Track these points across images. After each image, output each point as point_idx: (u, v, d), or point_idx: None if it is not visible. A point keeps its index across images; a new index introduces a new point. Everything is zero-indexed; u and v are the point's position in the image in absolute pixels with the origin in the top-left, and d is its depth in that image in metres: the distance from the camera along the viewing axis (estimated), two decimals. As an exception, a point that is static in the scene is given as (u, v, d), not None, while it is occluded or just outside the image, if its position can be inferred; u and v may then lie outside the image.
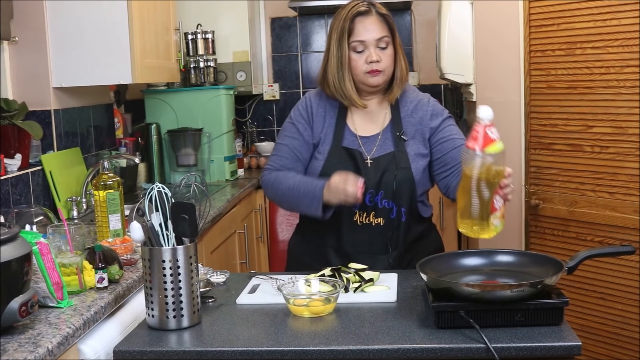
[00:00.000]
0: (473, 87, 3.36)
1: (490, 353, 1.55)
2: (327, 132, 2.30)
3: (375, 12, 2.24)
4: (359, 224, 2.25)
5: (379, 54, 2.22)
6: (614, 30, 2.79)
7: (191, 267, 1.73)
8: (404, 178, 2.23)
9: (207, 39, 4.12)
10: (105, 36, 2.92)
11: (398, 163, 2.24)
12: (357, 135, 2.29)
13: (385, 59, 2.23)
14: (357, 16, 2.23)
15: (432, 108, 2.31)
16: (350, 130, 2.30)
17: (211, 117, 3.92)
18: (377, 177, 2.23)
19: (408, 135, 2.28)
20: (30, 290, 1.62)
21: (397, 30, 2.27)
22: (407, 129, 2.28)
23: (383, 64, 2.22)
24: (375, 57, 2.21)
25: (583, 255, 1.80)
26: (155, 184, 1.76)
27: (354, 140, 2.29)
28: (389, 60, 2.24)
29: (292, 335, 1.69)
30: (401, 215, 2.25)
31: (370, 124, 2.31)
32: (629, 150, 2.78)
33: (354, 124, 2.31)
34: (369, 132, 2.30)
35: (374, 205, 2.24)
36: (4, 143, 2.68)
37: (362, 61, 2.22)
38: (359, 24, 2.22)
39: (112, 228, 2.42)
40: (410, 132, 2.28)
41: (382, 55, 2.22)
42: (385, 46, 2.23)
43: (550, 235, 3.10)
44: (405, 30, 4.69)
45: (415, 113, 2.29)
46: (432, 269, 1.82)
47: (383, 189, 2.24)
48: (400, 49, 2.28)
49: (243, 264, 3.63)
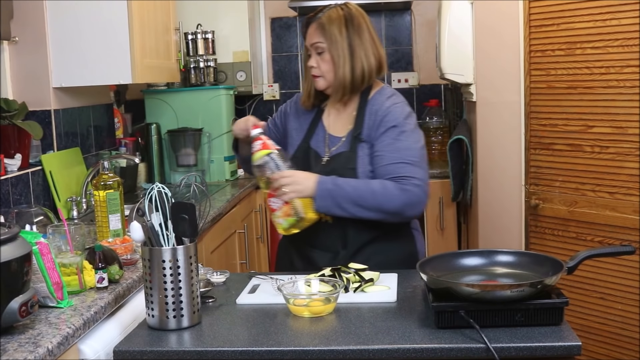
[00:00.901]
0: (473, 87, 3.35)
1: (490, 353, 1.55)
2: (304, 129, 2.39)
3: (317, 20, 2.31)
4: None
5: (316, 59, 2.31)
6: (614, 30, 2.79)
7: (191, 267, 1.73)
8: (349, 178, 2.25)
9: (207, 39, 4.12)
10: (105, 36, 2.92)
11: (347, 163, 2.27)
12: (327, 134, 2.35)
13: (322, 65, 2.30)
14: (307, 23, 2.35)
15: (386, 114, 2.29)
16: (322, 128, 2.37)
17: (211, 117, 3.92)
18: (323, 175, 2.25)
19: (364, 136, 2.29)
20: (30, 290, 1.62)
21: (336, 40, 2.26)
22: (364, 131, 2.30)
23: (318, 70, 2.30)
24: (311, 63, 2.32)
25: (583, 255, 1.79)
26: (155, 184, 1.76)
27: (321, 138, 2.35)
28: (325, 65, 2.29)
29: (292, 335, 1.69)
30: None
31: (340, 125, 2.36)
32: (629, 150, 2.78)
33: (329, 123, 2.37)
34: (338, 133, 2.34)
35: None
36: (4, 143, 2.68)
37: (308, 65, 2.34)
38: (307, 31, 2.35)
39: (112, 228, 2.42)
40: (365, 135, 2.29)
41: (319, 61, 2.30)
42: (321, 52, 2.29)
43: (550, 235, 3.10)
44: (405, 30, 4.69)
45: (372, 117, 2.30)
46: (432, 269, 1.82)
47: None
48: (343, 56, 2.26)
49: (243, 264, 3.63)
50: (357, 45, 2.29)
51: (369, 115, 2.31)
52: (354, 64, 2.28)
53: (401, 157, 2.22)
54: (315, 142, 2.36)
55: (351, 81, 2.28)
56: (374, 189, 2.18)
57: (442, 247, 3.99)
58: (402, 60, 4.71)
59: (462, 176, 3.71)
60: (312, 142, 2.36)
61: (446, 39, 3.40)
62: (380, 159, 2.24)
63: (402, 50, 4.70)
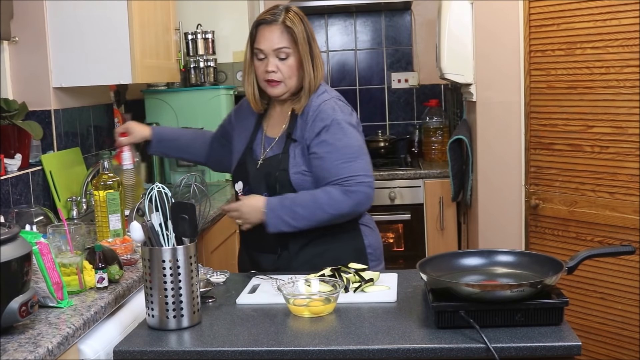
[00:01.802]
0: (473, 87, 3.35)
1: (490, 353, 1.55)
2: (248, 131, 2.39)
3: (280, 22, 2.24)
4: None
5: (277, 64, 2.25)
6: (614, 30, 2.79)
7: (191, 267, 1.73)
8: (283, 180, 2.25)
9: (207, 39, 4.12)
10: (105, 36, 2.91)
11: (279, 165, 2.27)
12: (264, 135, 2.36)
13: (285, 70, 2.25)
14: (260, 24, 2.27)
15: (318, 113, 2.25)
16: (261, 130, 2.38)
17: (211, 117, 3.92)
18: (259, 178, 2.29)
19: (296, 136, 2.28)
20: (30, 290, 1.62)
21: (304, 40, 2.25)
22: (296, 131, 2.28)
23: (280, 75, 2.25)
24: (271, 68, 2.25)
25: (583, 255, 1.80)
26: (155, 184, 1.76)
27: (259, 140, 2.36)
28: (288, 71, 2.25)
29: (292, 335, 1.69)
30: None
31: (276, 126, 2.36)
32: (629, 150, 2.79)
33: (267, 124, 2.38)
34: (273, 134, 2.35)
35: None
36: (4, 143, 2.68)
37: (261, 69, 2.28)
38: (260, 33, 2.27)
39: (112, 228, 2.42)
40: (297, 135, 2.28)
41: (281, 65, 2.25)
42: (285, 57, 2.24)
43: (550, 235, 3.10)
44: (405, 30, 4.69)
45: (304, 116, 2.28)
46: (432, 269, 1.82)
47: (267, 190, 2.27)
48: (309, 58, 2.25)
49: (243, 264, 3.62)
50: (314, 48, 2.29)
51: (302, 115, 2.28)
52: (314, 67, 2.26)
53: (339, 156, 2.21)
54: (256, 146, 2.36)
55: (315, 86, 2.27)
56: (320, 201, 2.18)
57: (442, 247, 3.99)
58: (402, 60, 4.71)
59: (462, 176, 3.71)
60: (254, 145, 2.36)
61: (446, 39, 3.40)
62: (319, 162, 2.22)
63: (402, 50, 4.70)
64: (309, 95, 2.28)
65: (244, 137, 2.40)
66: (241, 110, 2.47)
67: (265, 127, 2.38)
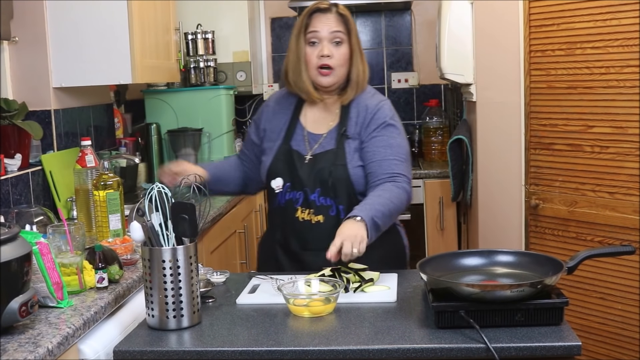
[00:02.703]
0: (473, 87, 3.35)
1: (490, 353, 1.55)
2: (282, 129, 2.35)
3: (335, 12, 2.28)
4: (301, 220, 2.27)
5: (331, 49, 2.25)
6: (614, 30, 2.78)
7: (191, 267, 1.73)
8: (340, 175, 2.24)
9: (207, 39, 4.12)
10: (105, 36, 2.91)
11: (335, 160, 2.25)
12: (306, 132, 2.33)
13: (338, 56, 2.25)
14: (315, 12, 2.29)
15: (376, 111, 2.28)
16: (301, 127, 2.34)
17: (211, 117, 3.92)
18: (311, 174, 2.25)
19: (350, 133, 2.28)
20: (30, 290, 1.62)
21: (356, 34, 2.29)
22: (351, 128, 2.29)
23: (334, 61, 2.24)
24: (327, 52, 2.24)
25: (583, 255, 1.80)
26: (155, 184, 1.76)
27: (301, 137, 2.33)
28: (341, 57, 2.25)
29: (292, 335, 1.69)
30: (340, 213, 2.24)
31: (320, 122, 2.34)
32: (629, 150, 2.78)
33: (306, 121, 2.35)
34: (317, 130, 2.33)
35: (312, 202, 2.26)
36: (4, 143, 2.68)
37: (314, 54, 2.26)
38: (315, 19, 2.27)
39: (112, 228, 2.42)
40: (352, 131, 2.28)
41: (334, 51, 2.25)
42: (340, 42, 2.25)
43: (550, 235, 3.10)
44: (405, 30, 4.69)
45: (362, 114, 2.29)
46: (432, 269, 1.82)
47: (320, 186, 2.25)
48: (359, 52, 2.28)
49: (243, 264, 3.63)
50: (361, 45, 2.32)
51: (355, 112, 2.29)
52: (363, 62, 2.28)
53: (393, 153, 2.23)
54: (296, 142, 2.32)
55: (363, 80, 2.28)
56: (390, 197, 2.14)
57: (442, 247, 3.99)
58: (402, 60, 4.71)
59: (462, 176, 3.70)
60: (293, 143, 2.32)
61: (446, 39, 3.40)
62: (373, 155, 2.24)
63: (402, 50, 4.70)
64: (357, 89, 2.29)
65: (277, 136, 2.36)
66: (268, 112, 2.42)
67: (305, 123, 2.35)
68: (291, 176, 2.28)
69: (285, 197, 2.29)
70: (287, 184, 2.29)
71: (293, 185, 2.28)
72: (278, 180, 2.30)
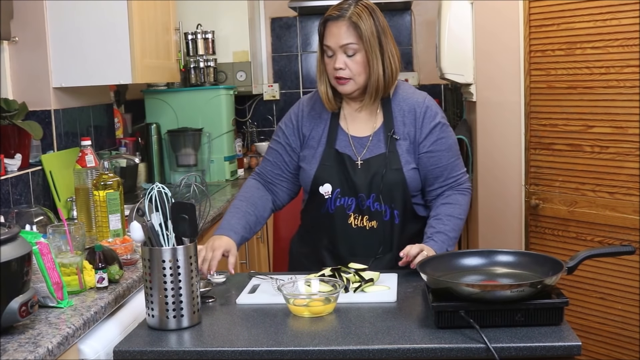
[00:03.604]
0: (473, 87, 3.36)
1: (490, 353, 1.55)
2: (322, 134, 2.29)
3: (346, 18, 2.16)
4: (354, 227, 2.22)
5: (345, 61, 2.17)
6: (614, 30, 2.79)
7: (191, 267, 1.73)
8: (395, 179, 2.20)
9: (207, 39, 4.12)
10: (105, 36, 2.91)
11: (389, 164, 2.20)
12: (350, 136, 2.27)
13: (353, 67, 2.17)
14: (327, 21, 2.20)
15: (426, 110, 2.24)
16: (343, 131, 2.28)
17: (211, 117, 3.92)
18: (367, 179, 2.20)
19: (399, 135, 2.24)
20: (30, 290, 1.62)
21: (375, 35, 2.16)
22: (399, 129, 2.24)
23: (349, 72, 2.18)
24: (339, 65, 2.17)
25: (583, 255, 1.79)
26: (155, 184, 1.76)
27: (346, 141, 2.26)
28: (357, 67, 2.17)
29: (292, 335, 1.69)
30: (394, 218, 2.22)
31: (362, 124, 2.28)
32: (629, 150, 2.78)
33: (347, 125, 2.28)
34: (361, 133, 2.27)
35: (366, 208, 2.21)
36: (4, 143, 2.68)
37: (331, 66, 2.20)
38: (327, 29, 2.19)
39: (112, 228, 2.42)
40: (401, 132, 2.24)
41: (349, 62, 2.17)
42: (353, 53, 2.17)
43: (550, 235, 3.10)
44: (405, 30, 4.70)
45: (408, 113, 2.25)
46: (432, 269, 1.82)
47: (374, 191, 2.21)
48: (377, 56, 2.17)
49: (243, 264, 3.62)
50: (385, 44, 2.19)
51: (399, 111, 2.25)
52: (384, 64, 2.19)
53: (454, 154, 2.27)
54: (342, 146, 2.25)
55: (384, 82, 2.19)
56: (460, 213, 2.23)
57: (442, 247, 3.98)
58: (402, 60, 4.69)
59: (462, 176, 3.70)
60: (338, 147, 2.25)
61: (446, 39, 3.40)
62: (438, 160, 2.24)
63: (402, 50, 4.70)
64: (375, 94, 2.21)
65: (317, 142, 2.28)
66: (304, 117, 2.33)
67: (346, 127, 2.28)
68: (342, 182, 2.22)
69: (336, 203, 2.23)
70: (337, 190, 2.23)
71: (343, 191, 2.22)
72: (327, 186, 2.23)
